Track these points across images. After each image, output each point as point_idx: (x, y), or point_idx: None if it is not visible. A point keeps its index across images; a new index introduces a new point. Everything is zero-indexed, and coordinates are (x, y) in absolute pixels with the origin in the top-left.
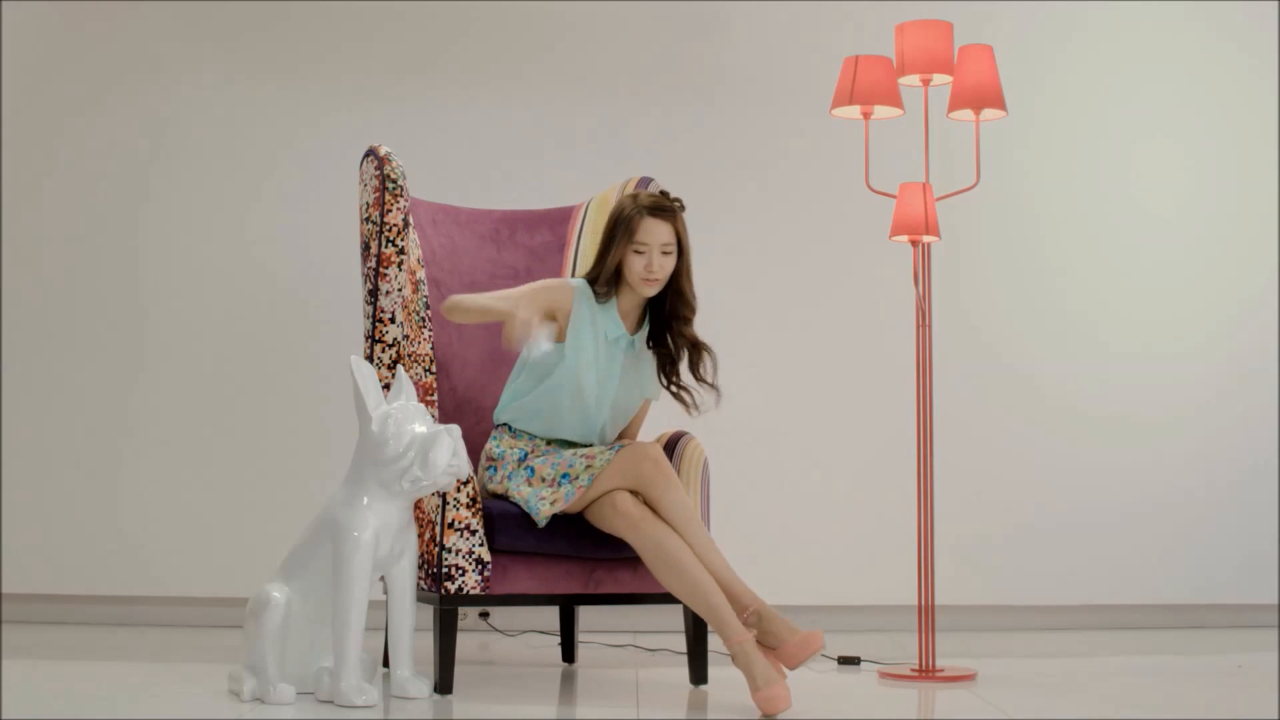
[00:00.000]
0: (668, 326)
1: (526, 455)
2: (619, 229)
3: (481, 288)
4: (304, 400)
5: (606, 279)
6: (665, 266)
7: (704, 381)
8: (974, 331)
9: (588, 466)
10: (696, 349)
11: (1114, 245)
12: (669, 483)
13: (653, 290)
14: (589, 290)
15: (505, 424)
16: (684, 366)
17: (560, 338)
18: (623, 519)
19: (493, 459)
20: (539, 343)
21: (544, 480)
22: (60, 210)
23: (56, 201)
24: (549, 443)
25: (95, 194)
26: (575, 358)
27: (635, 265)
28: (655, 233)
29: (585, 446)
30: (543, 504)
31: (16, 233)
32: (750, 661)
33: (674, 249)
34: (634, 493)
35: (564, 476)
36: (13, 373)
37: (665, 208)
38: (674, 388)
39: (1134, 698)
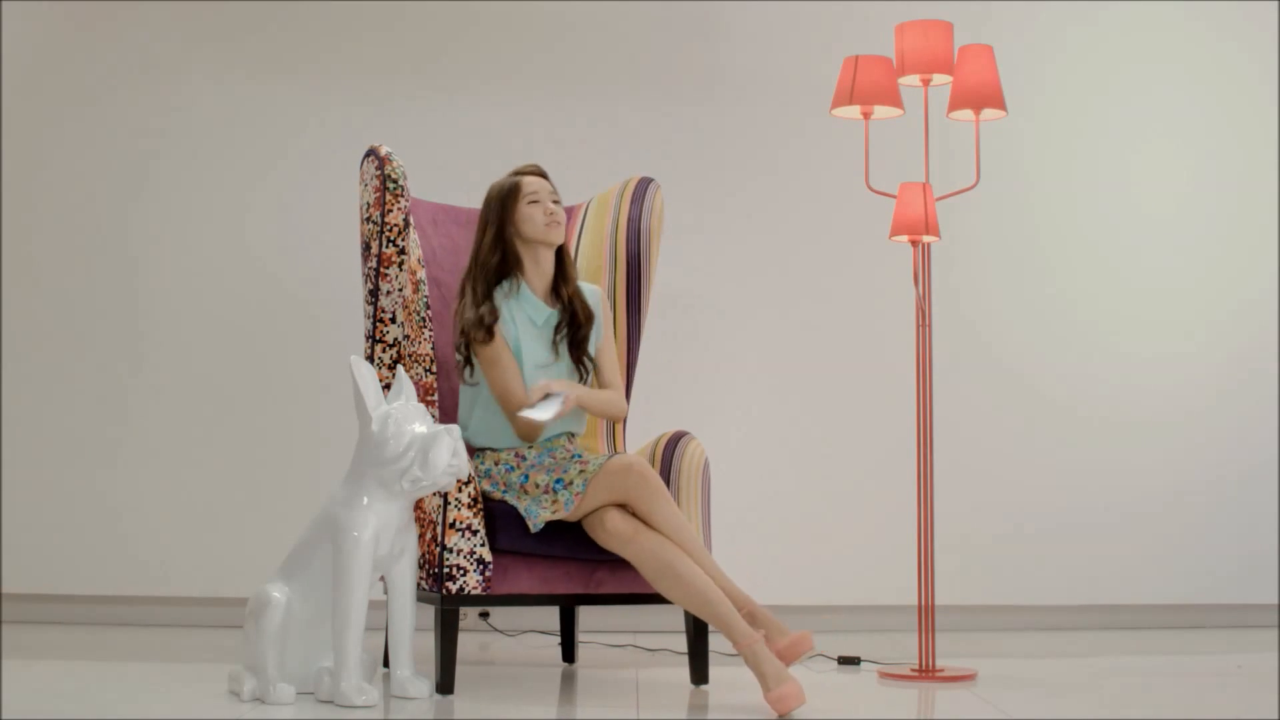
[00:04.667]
0: (559, 291)
1: (516, 466)
2: (505, 199)
3: None
4: (304, 400)
5: (509, 261)
6: (562, 212)
7: (584, 355)
8: (974, 331)
9: (581, 471)
10: (587, 311)
11: (1114, 245)
12: (656, 493)
13: (559, 234)
14: (499, 296)
15: (484, 447)
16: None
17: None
18: (615, 538)
19: (480, 475)
20: (543, 410)
21: (539, 487)
22: (59, 210)
23: (55, 202)
24: (531, 447)
25: (93, 194)
26: (521, 358)
27: (536, 216)
28: (540, 185)
29: (563, 437)
30: (543, 510)
31: (15, 233)
32: (761, 662)
33: (559, 202)
34: (623, 505)
35: (558, 482)
36: (12, 373)
37: (539, 168)
38: (584, 358)
39: (1134, 698)
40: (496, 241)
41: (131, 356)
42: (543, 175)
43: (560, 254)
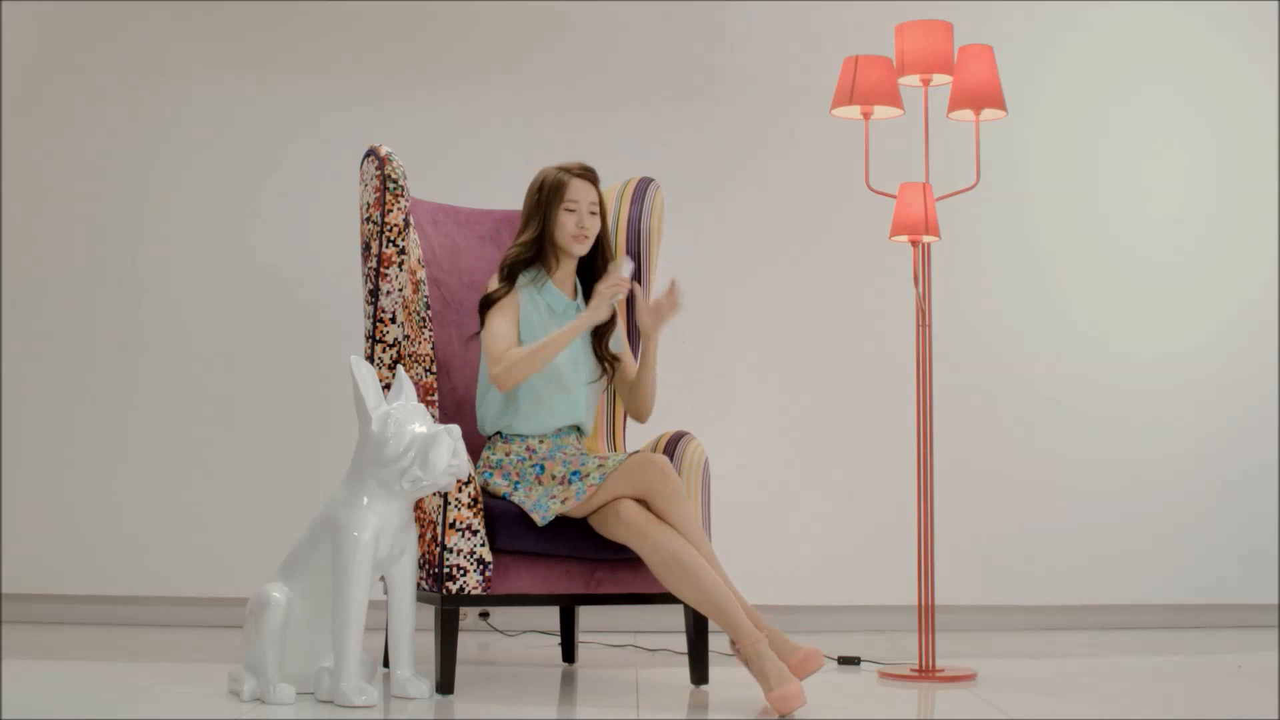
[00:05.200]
0: (591, 291)
1: (528, 458)
2: (548, 194)
3: (481, 287)
4: (304, 400)
5: (538, 249)
6: (594, 226)
7: (608, 353)
8: (974, 331)
9: (600, 465)
10: (611, 318)
11: (1114, 245)
12: (675, 493)
13: (583, 247)
14: (524, 282)
15: (497, 432)
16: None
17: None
18: (627, 528)
19: (491, 466)
20: (622, 273)
21: (554, 478)
22: (60, 210)
23: (56, 202)
24: (542, 441)
25: (95, 194)
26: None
27: (567, 224)
28: (584, 192)
29: (571, 435)
30: (553, 502)
31: (16, 233)
32: (763, 662)
33: (599, 211)
34: (639, 499)
35: (574, 474)
36: (13, 373)
37: (590, 171)
38: (606, 357)
39: (1134, 698)
40: (533, 232)
41: (132, 356)
42: (591, 180)
43: (589, 262)
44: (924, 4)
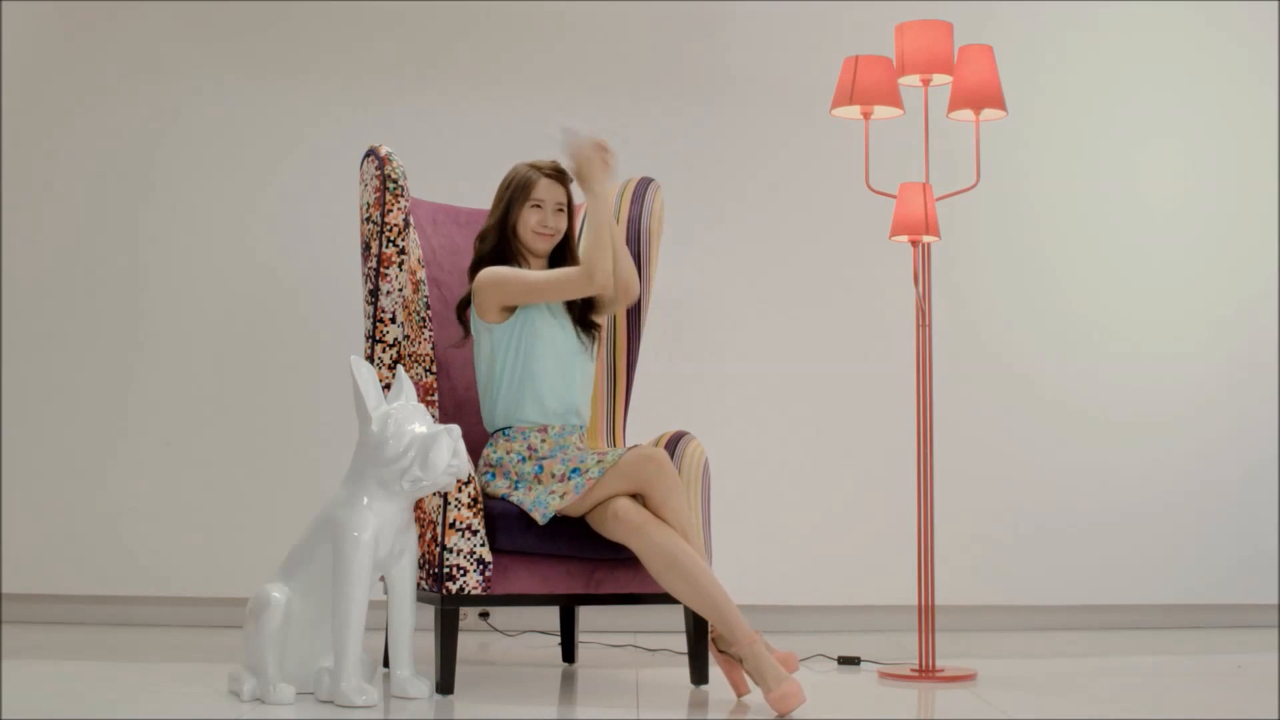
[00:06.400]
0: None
1: (528, 457)
2: (515, 190)
3: None
4: (304, 400)
5: (498, 241)
6: (559, 224)
7: (595, 324)
8: (974, 331)
9: (599, 461)
10: (589, 299)
11: (1114, 245)
12: (671, 487)
13: (546, 245)
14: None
15: (499, 430)
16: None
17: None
18: (623, 526)
19: (491, 465)
20: (579, 137)
21: (554, 476)
22: (60, 211)
23: (56, 202)
24: (544, 440)
25: (95, 194)
26: (533, 324)
27: (530, 220)
28: (551, 191)
29: (575, 434)
30: (552, 499)
31: (16, 233)
32: (761, 662)
33: (565, 210)
34: (636, 496)
35: (574, 471)
36: (13, 373)
37: (560, 171)
38: (591, 329)
39: (1134, 698)
40: (500, 229)
41: (132, 356)
42: (561, 181)
43: (572, 259)
44: (924, 4)
